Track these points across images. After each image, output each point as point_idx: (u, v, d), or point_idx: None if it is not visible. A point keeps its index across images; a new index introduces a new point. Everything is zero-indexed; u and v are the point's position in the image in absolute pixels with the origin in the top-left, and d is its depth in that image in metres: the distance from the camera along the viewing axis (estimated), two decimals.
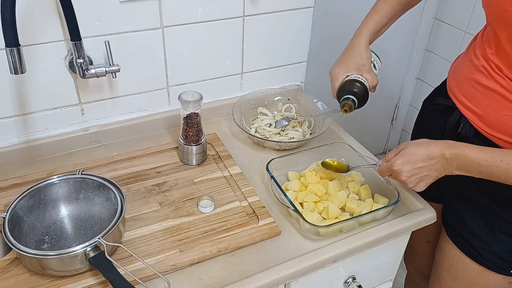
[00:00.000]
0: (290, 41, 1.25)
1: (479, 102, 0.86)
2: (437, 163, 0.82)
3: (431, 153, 0.82)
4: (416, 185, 0.86)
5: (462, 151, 0.80)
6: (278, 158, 0.99)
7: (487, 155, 0.78)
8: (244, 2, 1.12)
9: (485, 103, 0.85)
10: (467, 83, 0.89)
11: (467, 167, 0.80)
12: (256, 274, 0.80)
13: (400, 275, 1.88)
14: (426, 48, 2.15)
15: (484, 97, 0.85)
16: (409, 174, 0.84)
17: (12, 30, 0.74)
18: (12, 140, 1.04)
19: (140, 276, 0.77)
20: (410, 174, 0.84)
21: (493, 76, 0.83)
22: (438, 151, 0.82)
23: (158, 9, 1.02)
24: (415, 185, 0.86)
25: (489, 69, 0.84)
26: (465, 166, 0.80)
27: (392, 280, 1.09)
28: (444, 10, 2.00)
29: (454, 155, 0.80)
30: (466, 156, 0.79)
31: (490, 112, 0.84)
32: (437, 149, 0.82)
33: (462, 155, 0.80)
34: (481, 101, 0.86)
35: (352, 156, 1.04)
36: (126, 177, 1.00)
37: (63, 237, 0.85)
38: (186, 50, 1.11)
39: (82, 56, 0.92)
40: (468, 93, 0.89)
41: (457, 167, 0.81)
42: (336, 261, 0.87)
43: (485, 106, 0.85)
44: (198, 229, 0.88)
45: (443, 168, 0.83)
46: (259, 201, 0.95)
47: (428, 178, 0.85)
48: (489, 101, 0.84)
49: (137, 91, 1.12)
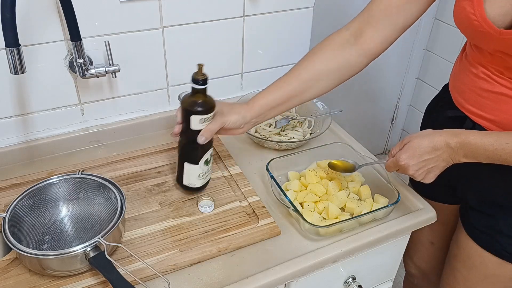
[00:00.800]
0: (290, 41, 1.25)
1: (489, 108, 0.85)
2: (443, 153, 0.82)
3: (436, 144, 0.82)
4: (424, 177, 0.85)
5: (466, 138, 0.79)
6: (278, 158, 0.99)
7: (492, 139, 0.77)
8: (244, 2, 1.12)
9: (496, 108, 0.84)
10: (472, 93, 0.88)
11: (473, 154, 0.80)
12: (256, 274, 0.80)
13: (400, 275, 1.88)
14: (426, 48, 2.15)
15: (493, 102, 0.84)
16: (417, 168, 0.84)
17: (12, 30, 0.74)
18: (12, 140, 1.04)
19: (140, 276, 0.77)
20: (417, 167, 0.84)
21: (496, 80, 0.82)
22: (443, 141, 0.81)
23: (158, 9, 1.02)
24: (424, 177, 0.85)
25: (490, 74, 0.83)
26: (471, 153, 0.80)
27: (392, 280, 1.09)
28: (444, 10, 2.00)
29: (459, 143, 0.80)
30: (471, 143, 0.79)
31: (503, 115, 0.84)
32: (441, 139, 0.81)
33: (467, 143, 0.79)
34: (490, 106, 0.85)
35: (352, 156, 1.04)
36: (126, 177, 1.00)
37: (63, 237, 0.85)
38: (186, 50, 1.11)
39: (82, 56, 0.92)
40: (475, 102, 0.88)
41: (464, 155, 0.81)
42: (336, 261, 0.87)
43: (496, 111, 0.84)
44: (198, 229, 0.88)
45: (450, 157, 0.82)
46: (259, 201, 0.95)
47: (436, 169, 0.84)
48: (499, 105, 0.83)
49: (137, 91, 1.12)
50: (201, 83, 0.84)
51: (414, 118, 2.38)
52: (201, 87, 0.84)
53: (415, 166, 0.84)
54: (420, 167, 0.84)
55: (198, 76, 0.84)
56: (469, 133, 0.80)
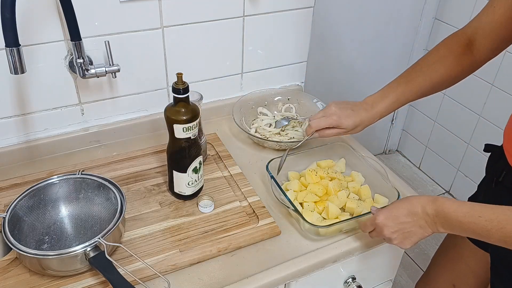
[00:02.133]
0: (290, 41, 1.25)
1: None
2: (420, 219, 0.76)
3: (413, 208, 0.77)
4: (401, 242, 0.79)
5: (441, 206, 0.73)
6: (278, 158, 0.99)
7: (465, 209, 0.71)
8: (244, 2, 1.12)
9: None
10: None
11: (449, 224, 0.73)
12: (256, 274, 0.80)
13: (400, 275, 1.88)
14: (426, 48, 2.15)
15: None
16: (393, 230, 0.79)
17: (12, 30, 0.74)
18: (12, 140, 1.04)
19: (140, 276, 0.77)
20: (393, 229, 0.78)
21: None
22: (419, 207, 0.76)
23: (158, 9, 1.02)
24: (400, 242, 0.79)
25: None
26: (447, 223, 0.73)
27: (392, 280, 1.09)
28: (444, 10, 2.00)
29: (435, 211, 0.74)
30: (445, 212, 0.73)
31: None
32: (418, 204, 0.76)
33: (442, 211, 0.73)
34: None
35: (352, 156, 1.04)
36: (126, 177, 1.00)
37: (63, 237, 0.85)
38: (186, 50, 1.11)
39: (82, 56, 0.92)
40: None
41: (441, 225, 0.75)
42: (336, 261, 0.87)
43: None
44: (198, 229, 0.88)
45: (427, 225, 0.76)
46: (259, 201, 0.95)
47: (413, 236, 0.78)
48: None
49: (137, 91, 1.12)
50: (181, 92, 0.84)
51: (414, 118, 2.38)
52: (182, 96, 0.84)
53: (391, 228, 0.79)
54: (396, 230, 0.78)
55: (178, 85, 0.83)
56: (445, 201, 0.74)
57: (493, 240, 0.69)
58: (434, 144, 2.32)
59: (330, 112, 0.96)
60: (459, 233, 0.74)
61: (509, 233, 0.66)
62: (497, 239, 0.68)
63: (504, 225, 0.67)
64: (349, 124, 0.94)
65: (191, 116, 0.85)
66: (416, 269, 1.92)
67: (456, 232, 0.74)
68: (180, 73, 0.82)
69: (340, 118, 0.94)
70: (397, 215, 0.78)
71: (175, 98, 0.85)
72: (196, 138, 0.89)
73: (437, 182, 2.36)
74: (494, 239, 0.69)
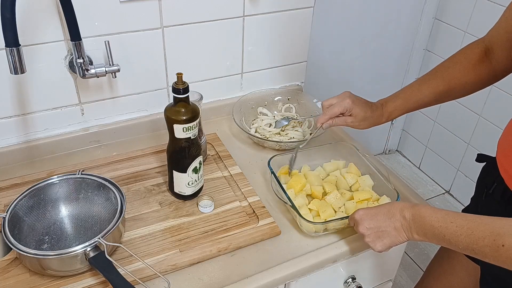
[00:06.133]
0: (290, 41, 1.25)
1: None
2: (396, 221, 0.77)
3: (392, 209, 0.78)
4: (373, 241, 0.80)
5: (418, 211, 0.74)
6: (280, 156, 1.00)
7: (440, 215, 0.72)
8: (244, 2, 1.12)
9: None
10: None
11: (423, 230, 0.74)
12: (256, 274, 0.80)
13: (400, 275, 1.88)
14: (426, 48, 2.15)
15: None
16: (368, 226, 0.79)
17: (12, 30, 0.74)
18: (12, 140, 1.04)
19: (140, 276, 0.77)
20: (369, 225, 0.79)
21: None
22: (398, 209, 0.77)
23: (158, 9, 1.02)
24: (372, 241, 0.80)
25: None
26: (421, 228, 0.74)
27: (392, 280, 1.09)
28: (444, 10, 2.00)
29: (412, 215, 0.75)
30: (421, 216, 0.74)
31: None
32: (398, 207, 0.78)
33: (418, 215, 0.74)
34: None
35: (353, 156, 1.04)
36: (126, 177, 1.00)
37: (63, 237, 0.85)
38: (186, 50, 1.11)
39: (82, 56, 0.92)
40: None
41: (416, 231, 0.75)
42: (336, 261, 0.87)
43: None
44: (198, 229, 0.88)
45: (403, 229, 0.77)
46: (259, 201, 0.95)
47: (386, 237, 0.78)
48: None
49: (137, 91, 1.12)
50: (181, 92, 0.84)
51: (414, 118, 2.38)
52: (182, 96, 0.84)
53: (366, 224, 0.80)
54: (371, 227, 0.79)
55: (178, 85, 0.83)
56: (423, 207, 0.75)
57: (461, 247, 0.69)
58: (434, 144, 2.32)
59: (344, 95, 0.96)
60: (431, 241, 0.73)
61: (477, 240, 0.66)
62: (465, 245, 0.68)
63: (473, 231, 0.67)
64: (359, 113, 0.95)
65: (191, 116, 0.85)
66: (416, 269, 1.92)
67: (428, 240, 0.74)
68: (180, 73, 0.82)
69: (354, 103, 0.94)
70: (375, 213, 0.80)
71: (175, 98, 0.85)
72: (196, 138, 0.89)
73: (437, 182, 2.36)
74: (462, 246, 0.69)
